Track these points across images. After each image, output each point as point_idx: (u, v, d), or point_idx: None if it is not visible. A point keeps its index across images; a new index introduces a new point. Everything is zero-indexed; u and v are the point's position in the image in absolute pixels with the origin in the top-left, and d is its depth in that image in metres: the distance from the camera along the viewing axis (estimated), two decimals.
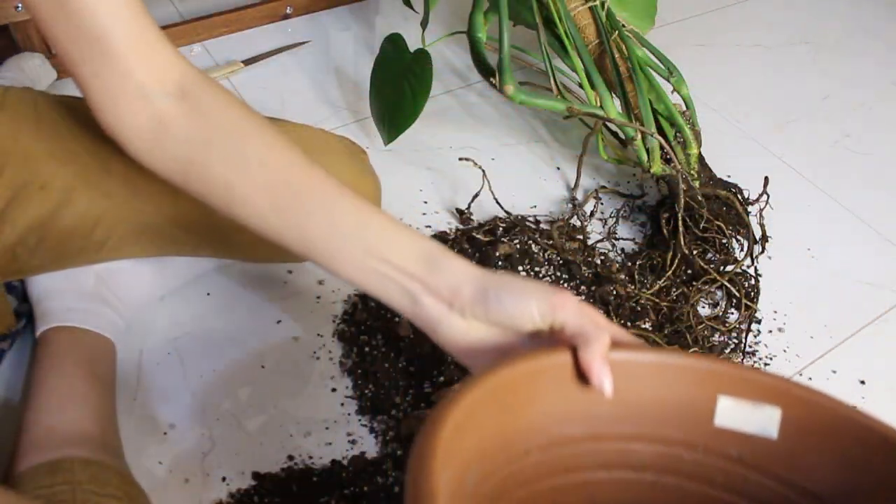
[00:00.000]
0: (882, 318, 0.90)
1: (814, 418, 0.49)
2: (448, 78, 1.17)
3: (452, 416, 0.41)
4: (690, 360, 0.51)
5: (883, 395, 0.81)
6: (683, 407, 0.52)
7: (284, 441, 0.70)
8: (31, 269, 0.67)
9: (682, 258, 0.87)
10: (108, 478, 0.60)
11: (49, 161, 0.63)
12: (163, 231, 0.69)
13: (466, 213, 0.94)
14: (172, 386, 0.73)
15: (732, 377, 0.50)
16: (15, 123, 0.62)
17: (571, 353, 0.48)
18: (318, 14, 1.25)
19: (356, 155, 0.81)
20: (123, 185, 0.66)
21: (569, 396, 0.50)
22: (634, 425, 0.52)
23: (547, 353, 0.48)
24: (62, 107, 0.66)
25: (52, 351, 0.68)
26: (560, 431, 0.51)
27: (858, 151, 1.14)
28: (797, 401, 0.49)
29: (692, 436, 0.52)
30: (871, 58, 1.36)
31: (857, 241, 1.00)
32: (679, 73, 0.95)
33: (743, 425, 0.51)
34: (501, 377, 0.45)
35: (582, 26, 0.93)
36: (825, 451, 0.50)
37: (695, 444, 0.52)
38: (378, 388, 0.74)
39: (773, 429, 0.50)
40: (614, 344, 0.48)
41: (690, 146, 0.92)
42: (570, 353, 0.48)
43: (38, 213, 0.63)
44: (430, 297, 0.48)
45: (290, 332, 0.80)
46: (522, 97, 0.87)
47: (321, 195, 0.50)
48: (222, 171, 0.51)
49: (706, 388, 0.51)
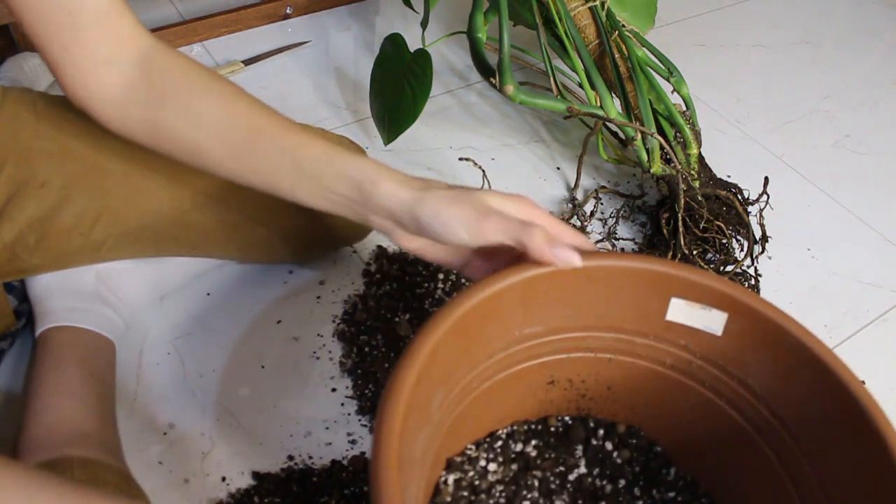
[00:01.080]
0: (882, 318, 0.90)
1: (756, 325, 0.53)
2: (448, 78, 1.17)
3: (415, 366, 0.44)
4: (646, 264, 0.54)
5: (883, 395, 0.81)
6: (638, 306, 0.56)
7: (284, 441, 0.70)
8: (31, 268, 0.67)
9: (682, 258, 0.87)
10: (108, 477, 0.60)
11: (48, 160, 0.63)
12: (162, 230, 0.69)
13: None
14: (172, 386, 0.73)
15: (686, 282, 0.54)
16: (15, 122, 0.63)
17: (524, 265, 0.51)
18: (318, 14, 1.25)
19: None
20: (122, 184, 0.66)
21: (528, 306, 0.54)
22: (591, 321, 0.57)
23: (500, 274, 0.51)
24: (61, 106, 0.66)
25: (51, 350, 0.68)
26: (521, 333, 0.56)
27: (858, 151, 1.14)
28: (743, 308, 0.53)
29: (644, 328, 0.57)
30: (871, 58, 1.36)
31: (857, 241, 1.00)
32: (679, 73, 0.95)
33: (691, 321, 0.56)
34: (462, 309, 0.48)
35: (582, 26, 0.93)
36: (761, 355, 0.54)
37: (647, 333, 0.58)
38: (378, 388, 0.74)
39: (717, 327, 0.55)
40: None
41: (690, 146, 0.92)
42: (521, 271, 0.51)
43: (38, 211, 0.63)
44: (375, 216, 0.53)
45: (290, 332, 0.80)
46: (522, 97, 0.87)
47: (272, 139, 0.54)
48: (180, 127, 0.54)
49: (660, 290, 0.55)
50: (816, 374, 0.51)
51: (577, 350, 0.59)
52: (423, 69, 0.93)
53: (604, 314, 0.57)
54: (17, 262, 0.65)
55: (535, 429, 0.64)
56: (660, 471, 0.63)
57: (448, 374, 0.51)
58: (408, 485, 0.43)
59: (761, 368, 0.55)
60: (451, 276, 0.84)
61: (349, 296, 0.83)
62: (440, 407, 0.51)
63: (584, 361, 0.60)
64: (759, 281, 0.90)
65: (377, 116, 0.98)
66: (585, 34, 0.94)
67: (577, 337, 0.58)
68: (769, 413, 0.55)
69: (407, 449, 0.43)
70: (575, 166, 1.01)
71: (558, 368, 0.60)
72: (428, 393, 0.47)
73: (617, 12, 0.97)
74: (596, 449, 0.63)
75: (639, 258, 0.56)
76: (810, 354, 0.51)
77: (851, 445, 0.50)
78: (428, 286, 0.83)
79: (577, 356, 0.60)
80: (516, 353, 0.57)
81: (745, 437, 0.57)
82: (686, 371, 0.59)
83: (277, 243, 0.78)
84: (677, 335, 0.57)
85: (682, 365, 0.59)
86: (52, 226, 0.64)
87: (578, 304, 0.56)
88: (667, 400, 0.61)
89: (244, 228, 0.73)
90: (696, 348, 0.57)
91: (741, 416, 0.57)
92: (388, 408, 0.42)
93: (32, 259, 0.66)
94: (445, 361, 0.49)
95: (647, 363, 0.60)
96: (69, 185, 0.64)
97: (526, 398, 0.62)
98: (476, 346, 0.53)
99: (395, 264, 0.85)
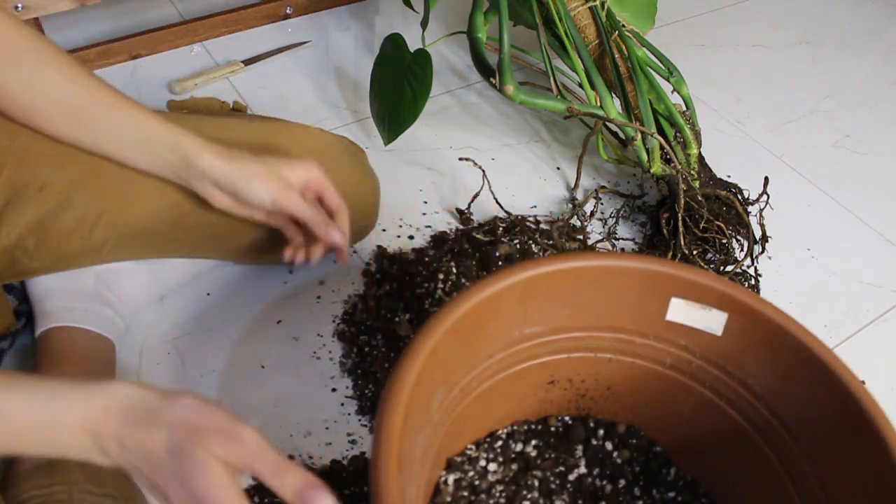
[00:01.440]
0: (882, 318, 0.90)
1: (756, 325, 0.53)
2: (448, 78, 1.17)
3: (415, 366, 0.44)
4: (646, 264, 0.55)
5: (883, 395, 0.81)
6: (638, 306, 0.56)
7: (284, 441, 0.70)
8: (30, 271, 0.67)
9: (682, 258, 0.87)
10: (106, 478, 0.60)
11: (47, 163, 0.63)
12: (162, 232, 0.69)
13: (466, 213, 0.94)
14: (172, 386, 0.73)
15: (686, 282, 0.54)
16: (13, 125, 0.62)
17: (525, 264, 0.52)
18: (318, 14, 1.25)
19: (356, 155, 0.81)
20: (122, 186, 0.66)
21: (528, 306, 0.54)
22: (591, 321, 0.58)
23: (500, 274, 0.51)
24: None
25: (51, 350, 0.68)
26: (521, 333, 0.56)
27: (858, 151, 1.14)
28: (743, 308, 0.54)
29: (645, 328, 0.58)
30: (871, 58, 1.36)
31: (857, 241, 1.00)
32: (679, 73, 0.95)
33: (691, 321, 0.56)
34: (462, 309, 0.49)
35: (582, 26, 0.93)
36: (761, 355, 0.54)
37: (647, 333, 0.58)
38: (378, 388, 0.74)
39: (717, 327, 0.55)
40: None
41: (690, 146, 0.92)
42: (521, 271, 0.52)
43: (37, 214, 0.63)
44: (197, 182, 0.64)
45: (290, 332, 0.79)
46: (522, 97, 0.87)
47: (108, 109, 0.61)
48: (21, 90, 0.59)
49: (660, 290, 0.55)
50: (816, 374, 0.51)
51: (577, 350, 0.59)
52: (423, 69, 0.93)
53: (604, 314, 0.57)
54: (17, 265, 0.65)
55: (535, 429, 0.64)
56: (660, 471, 0.63)
57: (448, 374, 0.51)
58: (408, 485, 0.43)
59: (761, 368, 0.55)
60: (451, 276, 0.84)
61: (349, 296, 0.83)
62: (440, 407, 0.51)
63: (584, 361, 0.60)
64: (759, 281, 0.90)
65: (377, 116, 0.98)
66: (585, 34, 0.94)
67: (577, 337, 0.58)
68: (769, 413, 0.55)
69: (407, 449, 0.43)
70: (575, 166, 1.01)
71: (558, 368, 0.60)
72: (428, 393, 0.47)
73: (617, 12, 0.97)
74: (596, 449, 0.63)
75: (639, 258, 0.56)
76: (810, 354, 0.51)
77: (851, 445, 0.50)
78: (428, 286, 0.83)
79: (577, 356, 0.60)
80: (516, 353, 0.57)
81: (745, 437, 0.57)
82: (686, 371, 0.59)
83: (277, 244, 0.78)
84: (677, 335, 0.57)
85: (682, 365, 0.59)
86: (52, 229, 0.64)
87: (578, 304, 0.56)
88: (667, 400, 0.61)
89: (243, 229, 0.73)
90: (696, 348, 0.57)
91: (741, 416, 0.57)
92: (388, 408, 0.42)
93: (32, 262, 0.65)
94: (445, 361, 0.49)
95: (647, 363, 0.60)
96: (68, 187, 0.64)
97: (526, 398, 0.62)
98: (476, 346, 0.53)
99: (395, 264, 0.85)
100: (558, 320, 0.56)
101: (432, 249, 0.88)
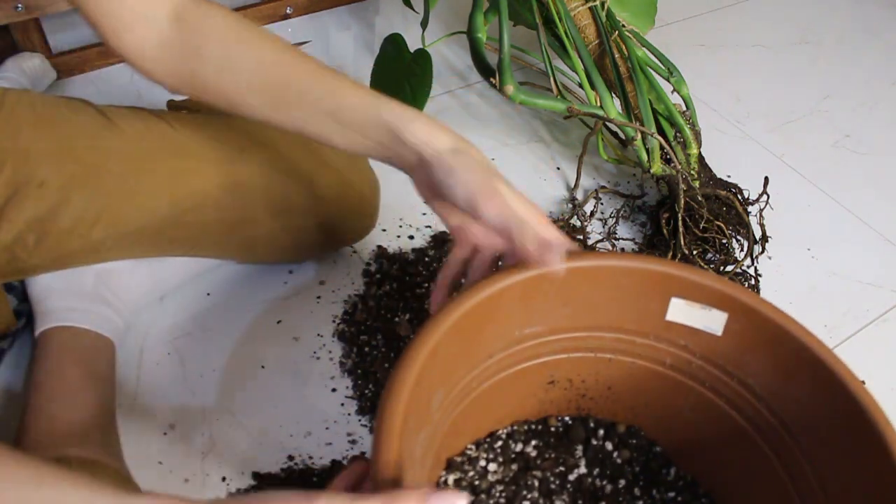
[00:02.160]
0: (882, 318, 0.90)
1: (756, 325, 0.53)
2: (448, 78, 1.17)
3: (415, 366, 0.44)
4: (646, 264, 0.54)
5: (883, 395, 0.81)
6: (638, 306, 0.56)
7: (284, 441, 0.70)
8: (30, 268, 0.67)
9: (682, 258, 0.87)
10: (107, 478, 0.60)
11: (47, 160, 0.63)
12: (161, 230, 0.69)
13: None
14: (172, 386, 0.73)
15: (686, 282, 0.54)
16: (13, 123, 0.63)
17: (522, 268, 0.51)
18: (318, 14, 1.25)
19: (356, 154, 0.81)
20: (121, 185, 0.66)
21: (528, 306, 0.54)
22: (591, 321, 0.57)
23: (500, 275, 0.51)
24: (60, 107, 0.66)
25: (51, 350, 0.68)
26: (521, 333, 0.56)
27: (858, 151, 1.14)
28: (743, 308, 0.53)
29: (645, 327, 0.58)
30: (871, 58, 1.36)
31: (857, 241, 1.00)
32: (679, 73, 0.95)
33: (691, 321, 0.56)
34: (462, 309, 0.48)
35: (582, 26, 0.93)
36: (761, 355, 0.54)
37: (647, 333, 0.58)
38: (378, 388, 0.74)
39: (717, 327, 0.55)
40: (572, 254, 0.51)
41: (690, 146, 0.92)
42: (521, 271, 0.51)
43: (37, 212, 0.63)
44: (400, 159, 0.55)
45: (290, 332, 0.79)
46: (522, 97, 0.87)
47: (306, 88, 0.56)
48: (218, 79, 0.57)
49: (660, 290, 0.55)
50: (816, 374, 0.51)
51: (577, 350, 0.59)
52: (423, 69, 0.93)
53: (604, 314, 0.57)
54: (17, 262, 0.65)
55: (535, 429, 0.64)
56: (660, 471, 0.63)
57: (448, 374, 0.51)
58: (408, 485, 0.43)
59: (761, 368, 0.55)
60: None
61: (349, 296, 0.83)
62: (440, 407, 0.51)
63: (584, 361, 0.60)
64: (759, 281, 0.90)
65: None
66: (585, 34, 0.94)
67: (577, 337, 0.58)
68: (769, 413, 0.55)
69: (407, 449, 0.43)
70: (575, 166, 1.01)
71: (558, 368, 0.60)
72: (428, 393, 0.47)
73: (617, 12, 0.97)
74: (596, 449, 0.63)
75: (639, 258, 0.56)
76: (810, 354, 0.51)
77: (851, 445, 0.50)
78: (428, 286, 0.83)
79: (577, 356, 0.60)
80: (516, 353, 0.57)
81: (745, 437, 0.57)
82: (686, 371, 0.59)
83: (277, 243, 0.78)
84: (677, 335, 0.57)
85: (682, 365, 0.59)
86: (52, 226, 0.64)
87: (578, 304, 0.56)
88: (667, 400, 0.61)
89: (243, 229, 0.73)
90: (696, 348, 0.57)
91: (741, 416, 0.57)
92: (388, 408, 0.42)
93: (31, 260, 0.65)
94: (445, 361, 0.49)
95: (647, 363, 0.60)
96: (68, 185, 0.64)
97: (526, 398, 0.62)
98: (476, 346, 0.53)
99: (395, 264, 0.85)
100: (558, 320, 0.56)
101: (432, 249, 0.88)
